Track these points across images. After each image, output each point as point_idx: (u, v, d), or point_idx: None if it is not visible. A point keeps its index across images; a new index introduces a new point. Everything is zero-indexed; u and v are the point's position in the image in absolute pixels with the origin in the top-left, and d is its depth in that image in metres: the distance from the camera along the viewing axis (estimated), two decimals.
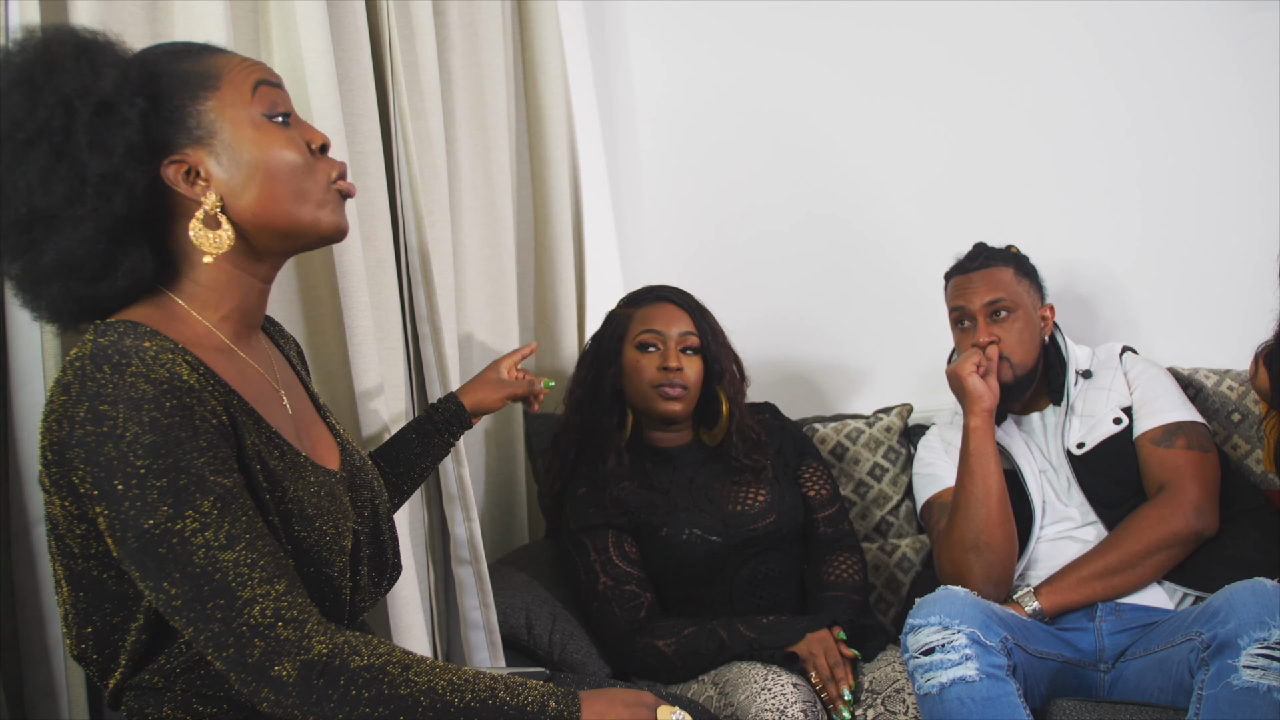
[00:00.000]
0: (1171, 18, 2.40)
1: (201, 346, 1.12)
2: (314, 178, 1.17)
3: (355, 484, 1.26)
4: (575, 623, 2.00)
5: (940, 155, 2.60)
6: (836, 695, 1.78)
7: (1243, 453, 2.16)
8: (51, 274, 1.08)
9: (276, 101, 1.17)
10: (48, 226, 1.06)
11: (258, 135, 1.14)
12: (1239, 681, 1.51)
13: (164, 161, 1.11)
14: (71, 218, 1.06)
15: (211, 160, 1.12)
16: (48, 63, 1.06)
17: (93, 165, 1.05)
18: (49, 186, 1.05)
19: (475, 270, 2.20)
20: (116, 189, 1.07)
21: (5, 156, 1.05)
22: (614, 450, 2.06)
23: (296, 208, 1.15)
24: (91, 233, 1.06)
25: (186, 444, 1.02)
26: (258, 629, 1.01)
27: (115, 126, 1.06)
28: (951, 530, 1.97)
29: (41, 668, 1.34)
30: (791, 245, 2.72)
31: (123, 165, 1.06)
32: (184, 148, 1.12)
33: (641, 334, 2.09)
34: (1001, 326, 2.07)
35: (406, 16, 1.90)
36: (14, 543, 1.35)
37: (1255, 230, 2.30)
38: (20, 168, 1.05)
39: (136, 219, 1.10)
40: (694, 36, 2.76)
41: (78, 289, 1.09)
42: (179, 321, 1.13)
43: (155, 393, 1.01)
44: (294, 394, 1.27)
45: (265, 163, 1.13)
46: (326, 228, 1.18)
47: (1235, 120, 2.37)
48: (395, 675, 1.05)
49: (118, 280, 1.10)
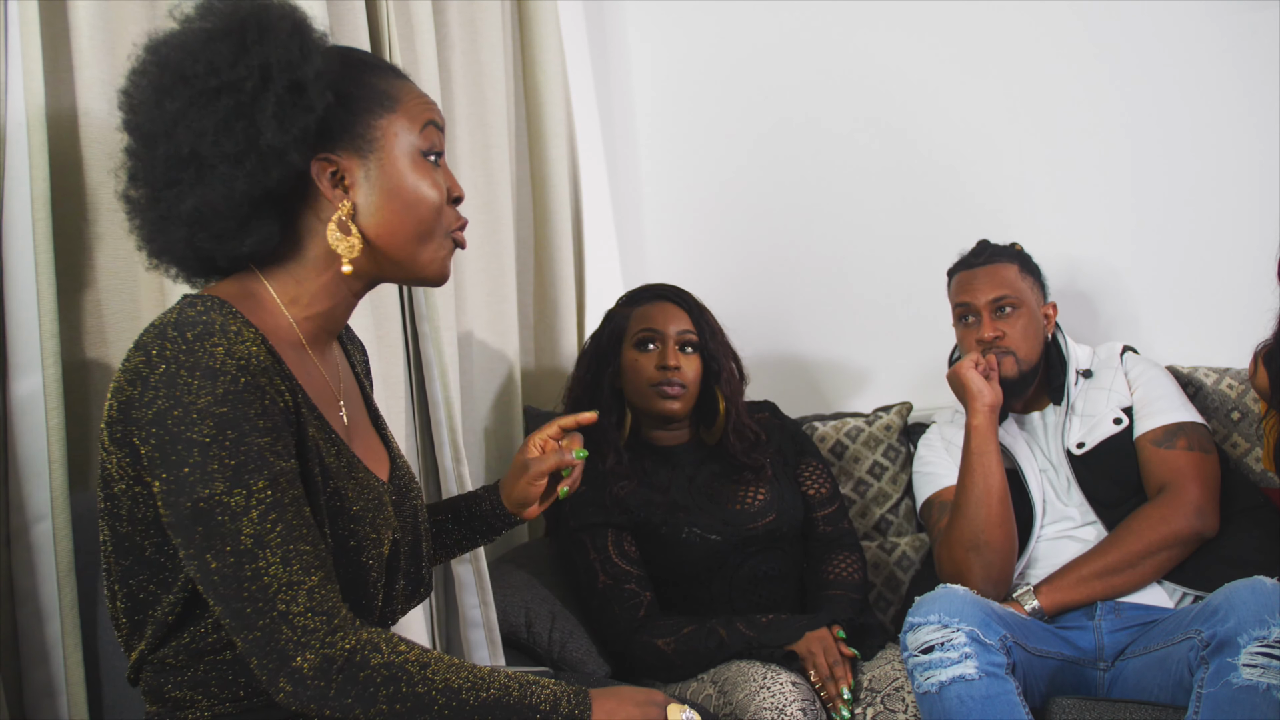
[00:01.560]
0: (1172, 16, 2.40)
1: (277, 338, 1.14)
2: (441, 222, 1.20)
3: (401, 498, 1.28)
4: (575, 621, 2.00)
5: (940, 153, 2.60)
6: (836, 694, 1.78)
7: (1242, 451, 2.16)
8: (186, 219, 1.11)
9: (436, 143, 1.21)
10: (200, 174, 1.09)
11: (411, 165, 1.17)
12: (1238, 680, 1.52)
13: (318, 155, 1.14)
14: (226, 174, 1.09)
15: (361, 171, 1.16)
16: (263, 26, 1.10)
17: (268, 135, 1.08)
18: (220, 138, 1.08)
19: (474, 268, 2.20)
20: (276, 164, 1.10)
21: (190, 95, 1.08)
22: (613, 449, 2.06)
23: (417, 243, 1.19)
24: (239, 194, 1.10)
25: (253, 421, 1.03)
26: (287, 616, 1.03)
27: (301, 109, 1.10)
28: (952, 529, 1.97)
29: (41, 666, 1.34)
30: (791, 243, 2.72)
31: (292, 145, 1.10)
32: (344, 152, 1.15)
33: (640, 332, 2.09)
34: (1006, 322, 2.07)
35: (406, 15, 1.90)
36: (14, 540, 1.35)
37: (1255, 229, 2.30)
38: (200, 111, 1.08)
39: (279, 197, 1.13)
40: (693, 35, 2.75)
41: (203, 240, 1.12)
42: (263, 309, 1.15)
43: (233, 366, 1.03)
44: (352, 403, 1.28)
45: (407, 192, 1.17)
46: (433, 271, 1.22)
47: (1235, 118, 2.37)
48: (413, 673, 1.06)
49: (244, 245, 1.13)
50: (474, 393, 2.20)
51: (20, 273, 1.34)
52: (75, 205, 1.45)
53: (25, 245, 1.34)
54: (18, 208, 1.34)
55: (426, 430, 1.92)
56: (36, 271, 1.34)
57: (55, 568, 1.34)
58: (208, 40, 1.09)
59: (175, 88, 1.09)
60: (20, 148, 1.34)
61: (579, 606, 2.04)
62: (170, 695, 1.13)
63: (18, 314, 1.34)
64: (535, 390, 2.42)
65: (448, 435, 1.89)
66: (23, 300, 1.34)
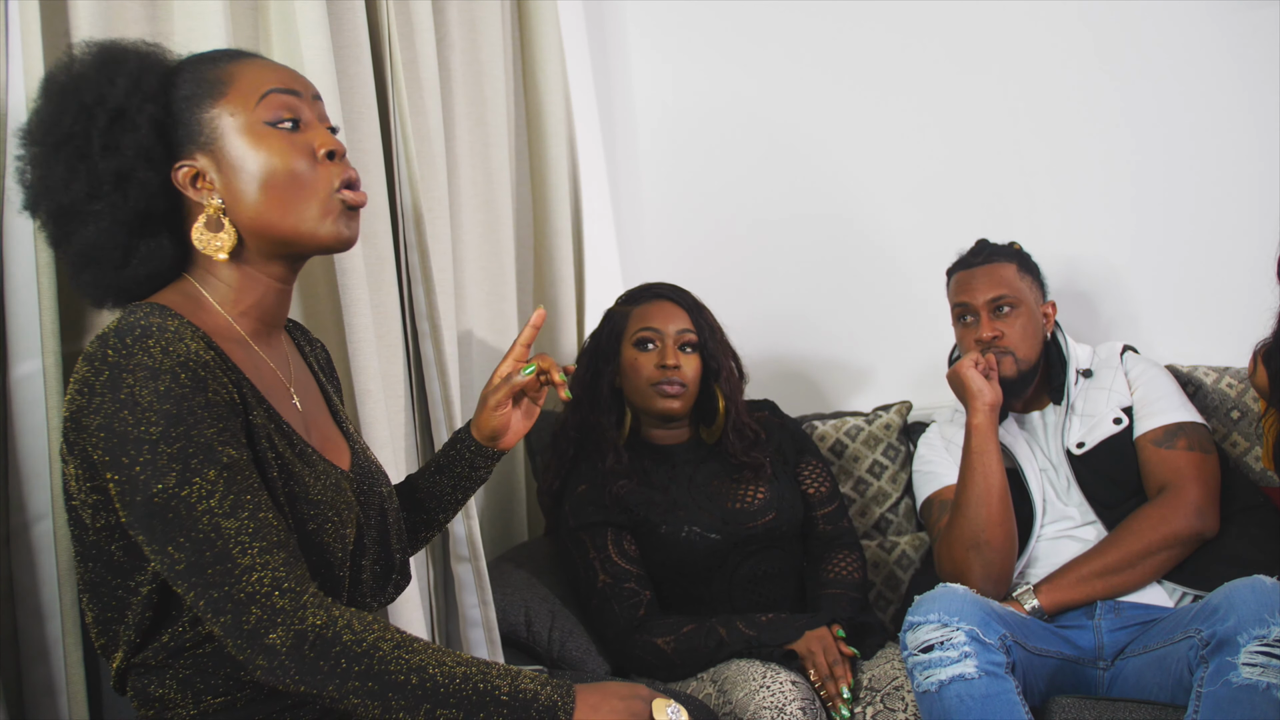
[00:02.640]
0: (1171, 15, 2.40)
1: (220, 335, 1.18)
2: (314, 185, 1.18)
3: (364, 484, 1.29)
4: (574, 620, 2.00)
5: (939, 152, 2.60)
6: (835, 693, 1.78)
7: (1242, 450, 2.16)
8: (81, 261, 1.18)
9: (285, 107, 1.19)
10: (74, 220, 1.16)
11: (255, 142, 1.17)
12: (1238, 679, 1.52)
13: (174, 165, 1.18)
14: (91, 212, 1.15)
15: (212, 165, 1.18)
16: (74, 74, 1.17)
17: (104, 165, 1.14)
18: (71, 185, 1.15)
19: (474, 267, 2.20)
20: (130, 186, 1.15)
21: (41, 158, 1.17)
22: (613, 448, 2.06)
23: (294, 216, 1.18)
24: (108, 225, 1.16)
25: (198, 414, 1.06)
26: (255, 596, 1.04)
27: (126, 131, 1.15)
28: (952, 528, 1.97)
29: (40, 665, 1.34)
30: (790, 242, 2.72)
31: (133, 165, 1.15)
32: (193, 153, 1.18)
33: (639, 332, 2.09)
34: (1005, 322, 2.07)
35: (406, 14, 1.90)
36: (13, 539, 1.35)
37: (1254, 227, 2.29)
38: (51, 168, 1.16)
39: (158, 215, 1.19)
40: (693, 34, 2.76)
41: (104, 275, 1.19)
42: (203, 310, 1.19)
43: (172, 364, 1.06)
44: (307, 394, 1.30)
45: (260, 170, 1.17)
46: (325, 237, 1.20)
47: (1235, 117, 2.37)
48: (387, 652, 1.07)
49: (138, 269, 1.18)
50: (474, 392, 2.20)
51: (20, 271, 1.34)
52: None
53: (26, 243, 1.34)
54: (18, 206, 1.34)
55: (426, 430, 1.92)
56: (37, 270, 1.34)
57: (55, 567, 1.34)
58: (43, 108, 1.17)
59: (34, 155, 1.18)
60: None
61: (578, 605, 2.04)
62: (156, 695, 1.14)
63: (18, 313, 1.35)
64: None
65: (447, 434, 1.88)
66: (23, 299, 1.35)
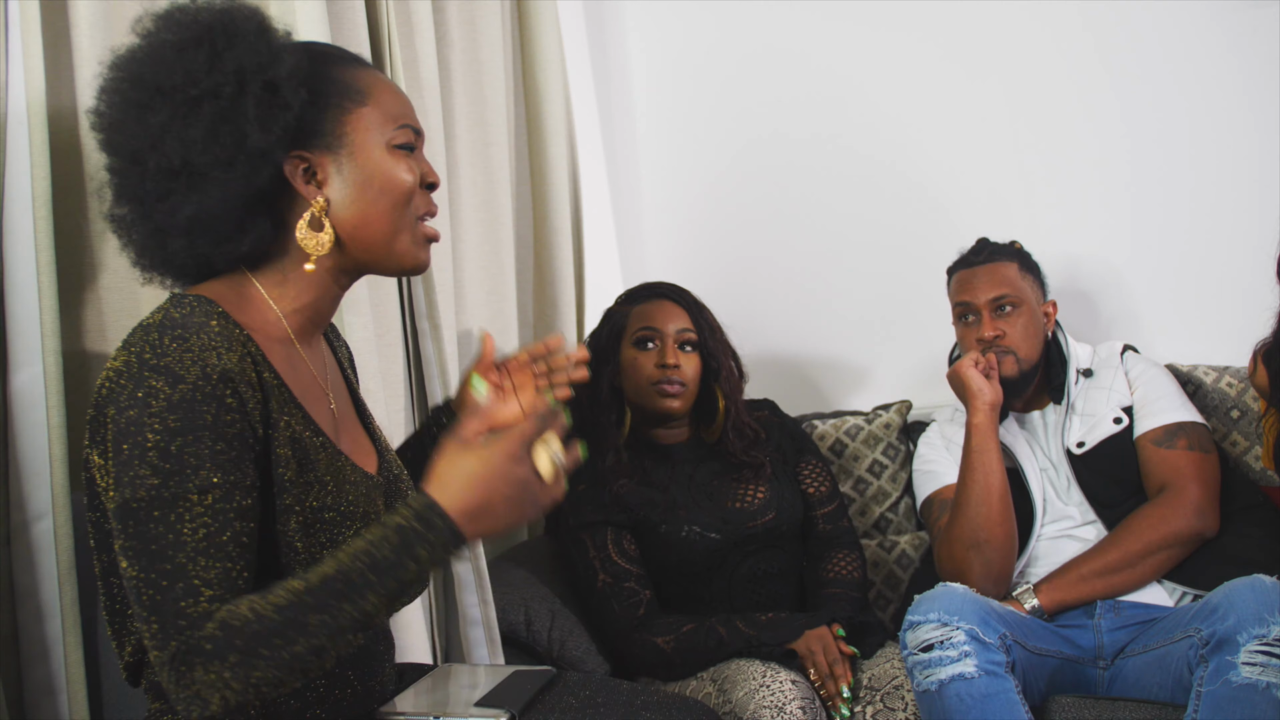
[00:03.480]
0: (1171, 14, 2.40)
1: (264, 334, 1.16)
2: (416, 208, 1.22)
3: (390, 490, 1.29)
4: (574, 619, 2.00)
5: (939, 151, 2.59)
6: (835, 692, 1.78)
7: (1241, 449, 2.16)
8: (185, 227, 1.13)
9: (411, 137, 1.22)
10: (193, 182, 1.11)
11: (383, 156, 1.19)
12: (1238, 678, 1.52)
13: (291, 154, 1.16)
14: (220, 179, 1.11)
15: (333, 166, 1.17)
16: (230, 32, 1.12)
17: (254, 137, 1.11)
18: (210, 146, 1.10)
19: (474, 266, 2.20)
20: (265, 164, 1.13)
21: (172, 107, 1.10)
22: (613, 447, 2.06)
23: (392, 230, 1.20)
24: (234, 197, 1.12)
25: (201, 431, 1.03)
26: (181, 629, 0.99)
27: (279, 108, 1.12)
28: (952, 527, 1.97)
29: (41, 664, 1.34)
30: (790, 241, 2.72)
31: (276, 145, 1.13)
32: (314, 148, 1.17)
33: (639, 331, 2.09)
34: (1006, 321, 2.07)
35: (405, 13, 1.90)
36: (14, 538, 1.35)
37: (1254, 227, 2.29)
38: (185, 120, 1.10)
39: (267, 196, 1.16)
40: (693, 32, 2.75)
41: (203, 246, 1.15)
42: (252, 306, 1.17)
43: (197, 373, 1.04)
44: (339, 397, 1.30)
45: (379, 179, 1.18)
46: (410, 260, 1.23)
47: (1235, 116, 2.37)
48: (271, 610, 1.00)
49: (243, 245, 1.15)
50: None
51: (21, 270, 1.34)
52: (76, 202, 1.44)
53: (26, 242, 1.34)
54: (18, 205, 1.34)
55: None
56: (38, 269, 1.34)
57: (55, 566, 1.34)
58: (179, 51, 1.11)
59: (155, 101, 1.10)
60: (21, 144, 1.34)
61: (578, 605, 2.04)
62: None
63: (18, 311, 1.34)
64: None
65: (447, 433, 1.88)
66: (23, 298, 1.34)
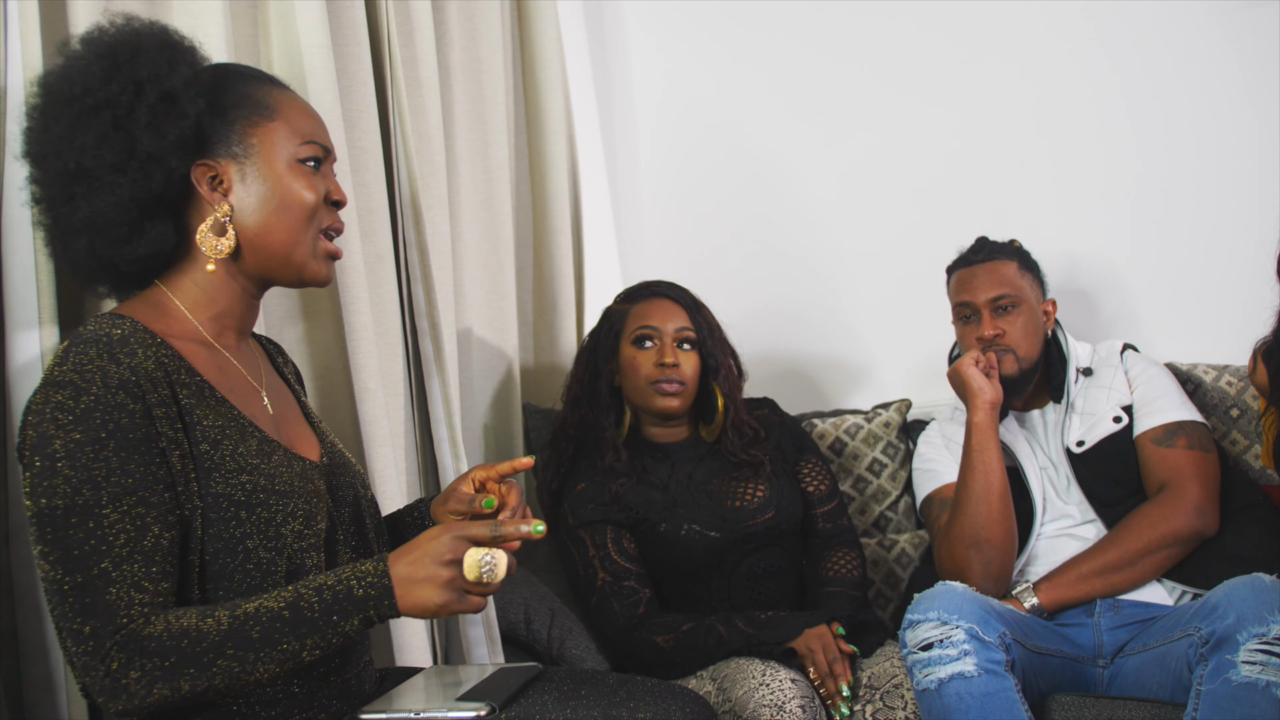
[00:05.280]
0: (1171, 12, 2.40)
1: (184, 339, 1.20)
2: (318, 222, 1.27)
3: (334, 475, 1.32)
4: (574, 618, 2.00)
5: (940, 149, 2.59)
6: (835, 691, 1.78)
7: (1241, 448, 2.16)
8: (82, 229, 1.19)
9: (316, 153, 1.27)
10: (89, 185, 1.17)
11: (286, 171, 1.24)
12: (1238, 677, 1.52)
13: (196, 161, 1.21)
14: (112, 183, 1.17)
15: (238, 176, 1.23)
16: (133, 47, 1.19)
17: (144, 143, 1.17)
18: (101, 151, 1.16)
19: (474, 266, 2.20)
20: (157, 169, 1.18)
21: (70, 115, 1.17)
22: (612, 446, 2.06)
23: (293, 243, 1.25)
24: (126, 200, 1.17)
25: (106, 441, 1.08)
26: (102, 631, 1.05)
27: (174, 116, 1.18)
28: (952, 526, 1.97)
29: (40, 662, 1.35)
30: (790, 239, 2.72)
31: (169, 151, 1.18)
32: (219, 157, 1.22)
33: (638, 330, 2.09)
34: (1006, 320, 2.07)
35: (405, 12, 1.90)
36: (13, 538, 1.35)
37: (1254, 225, 2.29)
38: (81, 128, 1.16)
39: (168, 202, 1.22)
40: (692, 29, 2.75)
41: (102, 248, 1.20)
42: (168, 316, 1.22)
43: (99, 383, 1.09)
44: (278, 396, 1.33)
45: (282, 194, 1.24)
46: (310, 272, 1.28)
47: (1235, 115, 2.37)
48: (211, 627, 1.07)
49: (139, 248, 1.20)
50: (473, 390, 2.20)
51: (20, 269, 1.34)
52: None
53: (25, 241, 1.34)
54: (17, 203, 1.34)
55: (426, 428, 1.92)
56: (36, 267, 1.34)
57: None
58: (85, 64, 1.18)
59: (58, 110, 1.17)
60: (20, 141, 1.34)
61: (578, 603, 2.04)
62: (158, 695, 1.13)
63: (17, 310, 1.35)
64: (534, 387, 2.41)
65: (447, 432, 1.88)
66: (21, 298, 1.35)
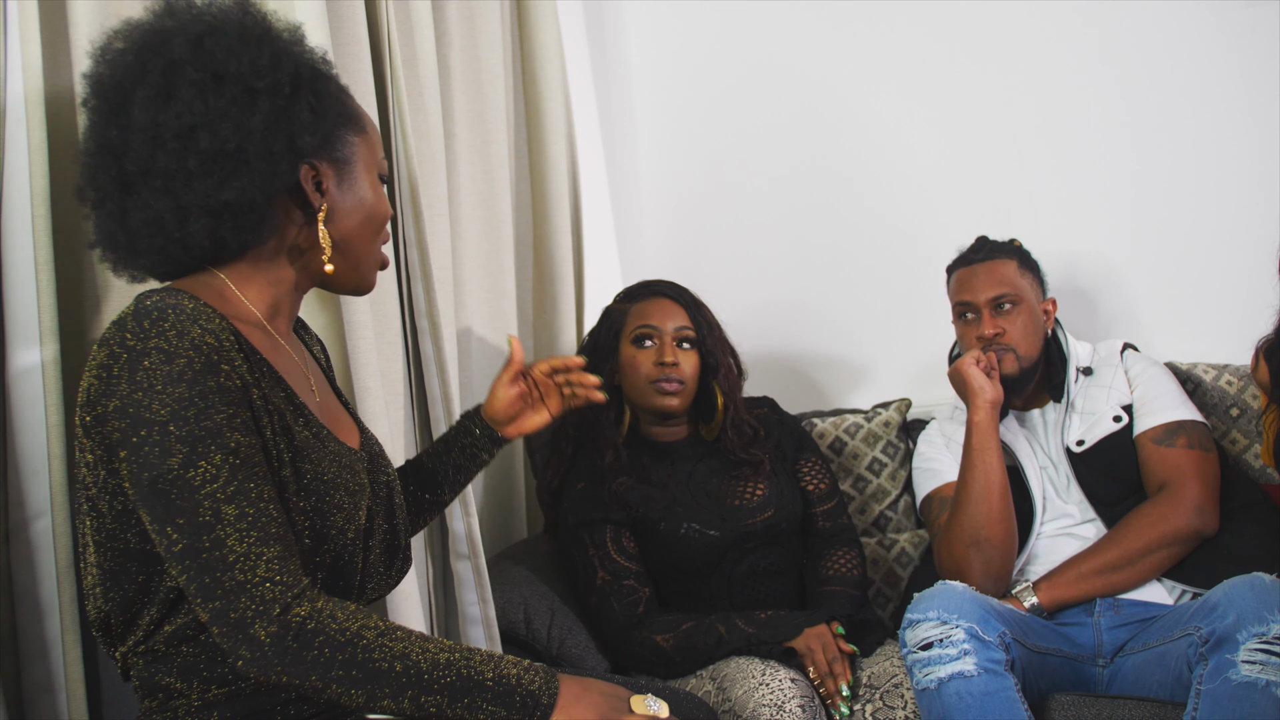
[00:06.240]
0: (1172, 12, 2.40)
1: (241, 320, 1.18)
2: (383, 235, 1.31)
3: (373, 465, 1.32)
4: (574, 617, 2.00)
5: (939, 149, 2.59)
6: (835, 690, 1.78)
7: (1241, 447, 2.16)
8: (219, 210, 1.14)
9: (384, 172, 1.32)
10: (237, 169, 1.14)
11: (374, 184, 1.28)
12: (1237, 676, 1.52)
13: (307, 160, 1.20)
14: (266, 171, 1.15)
15: (334, 181, 1.23)
16: (292, 33, 1.21)
17: (304, 138, 1.17)
18: (267, 137, 1.14)
19: (474, 265, 2.20)
20: (301, 161, 1.18)
21: (233, 94, 1.13)
22: (612, 445, 2.06)
23: (367, 252, 1.28)
24: (273, 186, 1.16)
25: (210, 398, 1.07)
26: (245, 586, 1.05)
27: (320, 116, 1.20)
28: (952, 525, 1.97)
29: (40, 662, 1.34)
30: (790, 239, 2.72)
31: (316, 148, 1.19)
32: (324, 160, 1.22)
33: (637, 329, 2.09)
34: (1006, 319, 2.07)
35: (405, 12, 1.90)
36: (13, 537, 1.35)
37: (1255, 224, 2.30)
38: (244, 109, 1.14)
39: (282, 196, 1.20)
40: (692, 29, 2.75)
41: (227, 230, 1.16)
42: (224, 299, 1.20)
43: (187, 347, 1.07)
44: (320, 383, 1.33)
45: (371, 205, 1.27)
46: (369, 282, 1.31)
47: (1235, 114, 2.37)
48: (370, 640, 1.08)
49: (261, 236, 1.19)
50: (473, 389, 2.20)
51: (20, 268, 1.34)
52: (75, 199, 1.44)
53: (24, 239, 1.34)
54: (17, 202, 1.34)
55: (426, 427, 1.92)
56: (36, 266, 1.34)
57: (54, 564, 1.34)
58: (242, 42, 1.15)
59: (216, 85, 1.13)
60: (19, 141, 1.34)
61: (578, 603, 2.04)
62: (162, 684, 1.14)
63: (16, 310, 1.35)
64: None
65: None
66: (21, 298, 1.35)
